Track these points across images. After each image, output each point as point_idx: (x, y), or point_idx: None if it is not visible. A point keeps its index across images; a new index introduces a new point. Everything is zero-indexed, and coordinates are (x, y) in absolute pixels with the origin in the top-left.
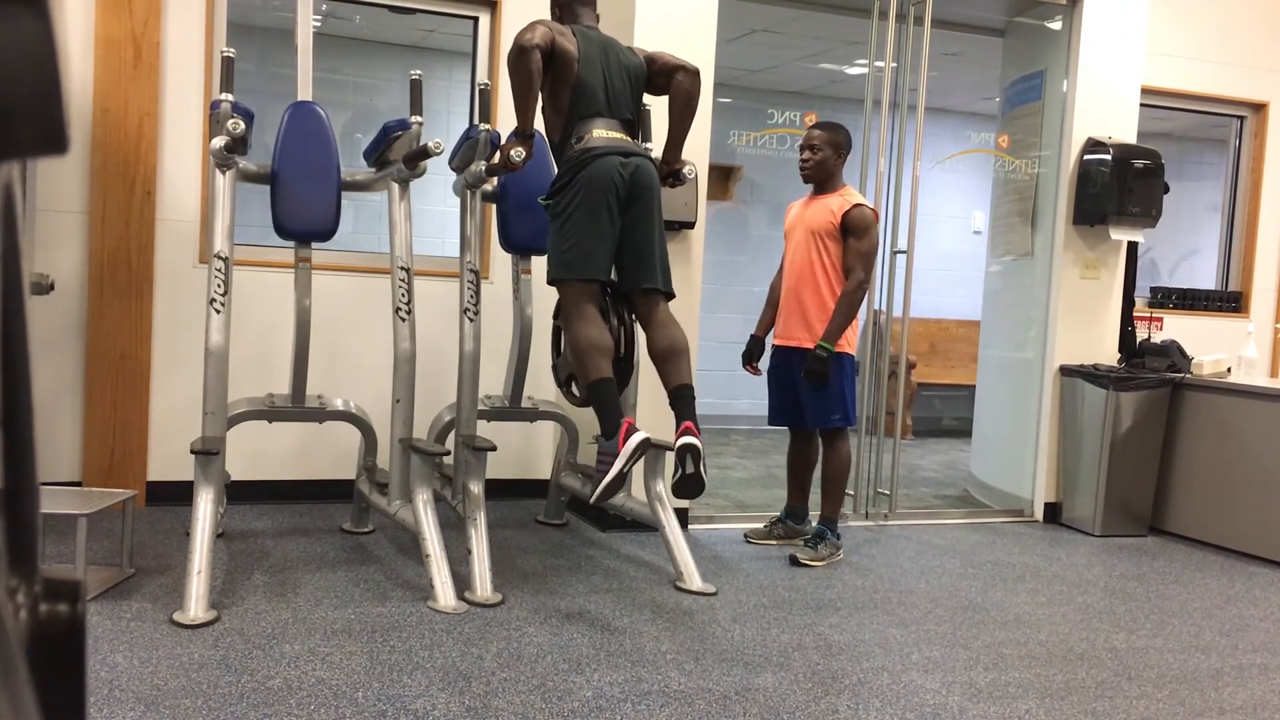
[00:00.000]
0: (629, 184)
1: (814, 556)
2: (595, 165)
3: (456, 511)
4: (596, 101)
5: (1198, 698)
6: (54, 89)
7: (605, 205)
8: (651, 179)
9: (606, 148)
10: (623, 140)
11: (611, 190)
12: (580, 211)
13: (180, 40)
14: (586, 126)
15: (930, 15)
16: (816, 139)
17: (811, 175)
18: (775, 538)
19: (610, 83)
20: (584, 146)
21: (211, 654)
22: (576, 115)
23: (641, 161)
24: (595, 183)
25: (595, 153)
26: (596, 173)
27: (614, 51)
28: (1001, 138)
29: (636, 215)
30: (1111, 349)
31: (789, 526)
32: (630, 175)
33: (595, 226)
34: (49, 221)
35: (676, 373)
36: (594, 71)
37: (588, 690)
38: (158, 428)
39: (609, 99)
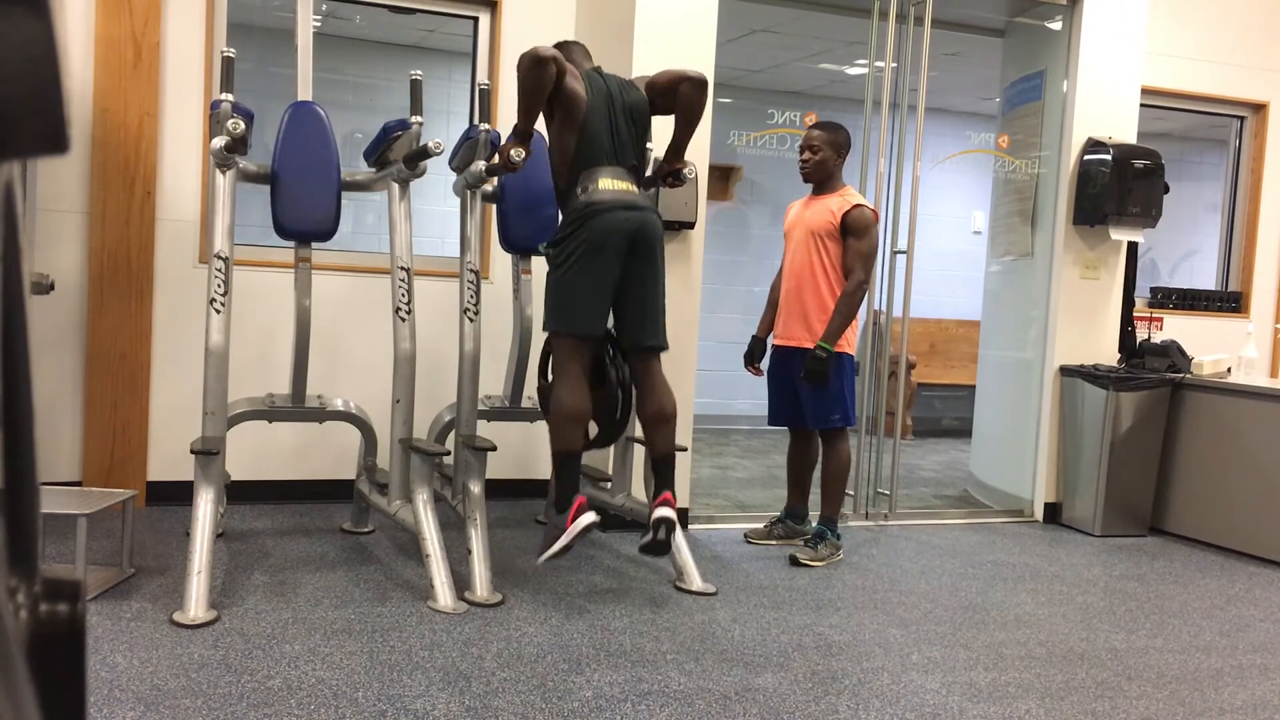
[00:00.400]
0: (631, 239)
1: (814, 556)
2: (599, 221)
3: (456, 511)
4: (602, 149)
5: (1198, 698)
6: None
7: (606, 262)
8: (655, 234)
9: (612, 202)
10: (628, 192)
11: (613, 246)
12: (580, 266)
13: (180, 40)
14: (592, 177)
15: (930, 15)
16: (816, 139)
17: (811, 175)
18: (775, 538)
19: (616, 128)
20: (589, 200)
21: (211, 654)
22: (582, 164)
23: (646, 216)
24: (598, 239)
25: (599, 207)
26: (600, 228)
27: (619, 94)
28: (1001, 138)
29: (638, 271)
30: (1111, 349)
31: (789, 526)
32: (634, 230)
33: (594, 282)
34: (49, 221)
35: (663, 440)
36: (600, 119)
37: (588, 690)
38: (158, 428)
39: (615, 146)
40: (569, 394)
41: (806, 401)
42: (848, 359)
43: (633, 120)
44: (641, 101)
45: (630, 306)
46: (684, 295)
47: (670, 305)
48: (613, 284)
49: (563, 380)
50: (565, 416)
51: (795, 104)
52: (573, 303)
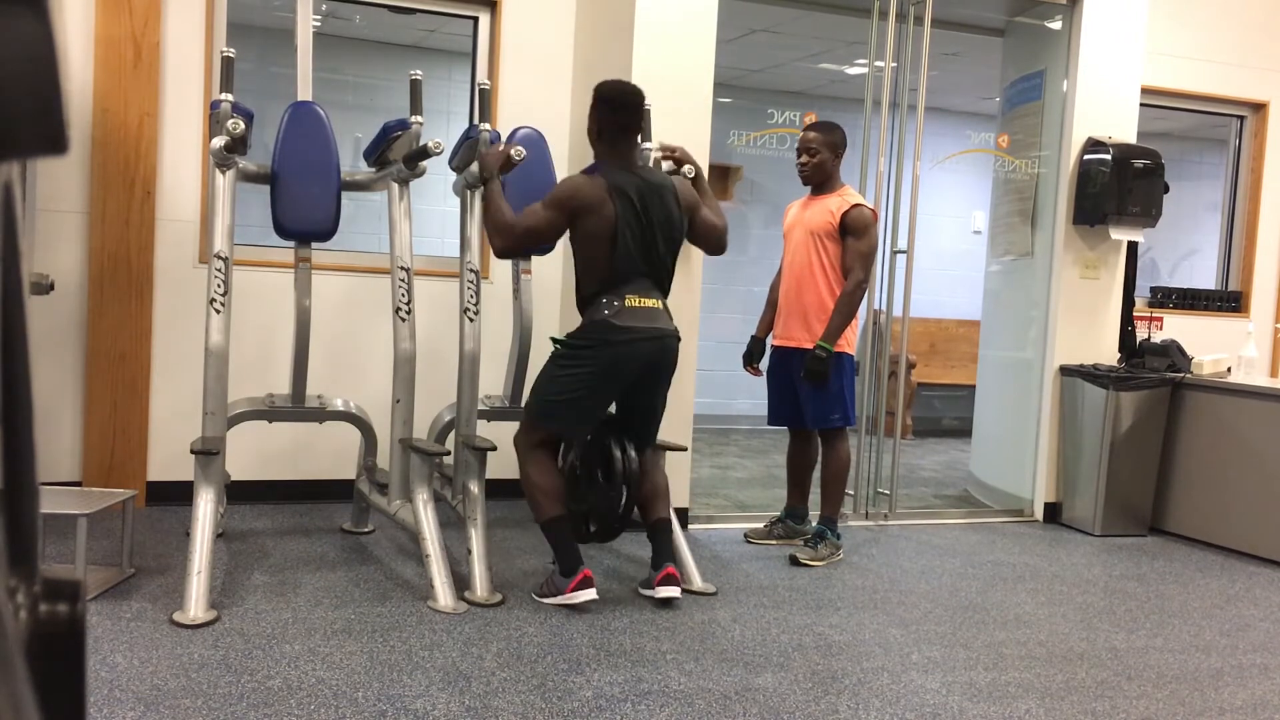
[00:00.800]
0: (651, 365)
1: (814, 556)
2: (618, 351)
3: (456, 511)
4: (635, 267)
5: (1198, 698)
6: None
7: (612, 387)
8: (671, 361)
9: (635, 330)
10: (654, 308)
11: (630, 374)
12: (585, 385)
13: (180, 40)
14: (620, 291)
15: (930, 15)
16: (813, 141)
17: (810, 178)
18: (775, 538)
19: (649, 244)
20: (613, 322)
21: (211, 654)
22: (614, 277)
23: (666, 345)
24: (612, 369)
25: (622, 336)
26: (618, 359)
27: (655, 204)
28: (1001, 138)
29: (649, 387)
30: (1111, 349)
31: (789, 526)
32: (655, 357)
33: (592, 402)
34: (49, 221)
35: (656, 509)
36: (633, 235)
37: (588, 690)
38: (158, 428)
39: (647, 262)
40: (540, 474)
41: (806, 401)
42: (847, 359)
43: (669, 235)
44: (678, 219)
45: (636, 413)
46: (684, 295)
47: (670, 305)
48: (609, 403)
49: (532, 463)
50: (539, 492)
51: (795, 104)
52: (564, 410)
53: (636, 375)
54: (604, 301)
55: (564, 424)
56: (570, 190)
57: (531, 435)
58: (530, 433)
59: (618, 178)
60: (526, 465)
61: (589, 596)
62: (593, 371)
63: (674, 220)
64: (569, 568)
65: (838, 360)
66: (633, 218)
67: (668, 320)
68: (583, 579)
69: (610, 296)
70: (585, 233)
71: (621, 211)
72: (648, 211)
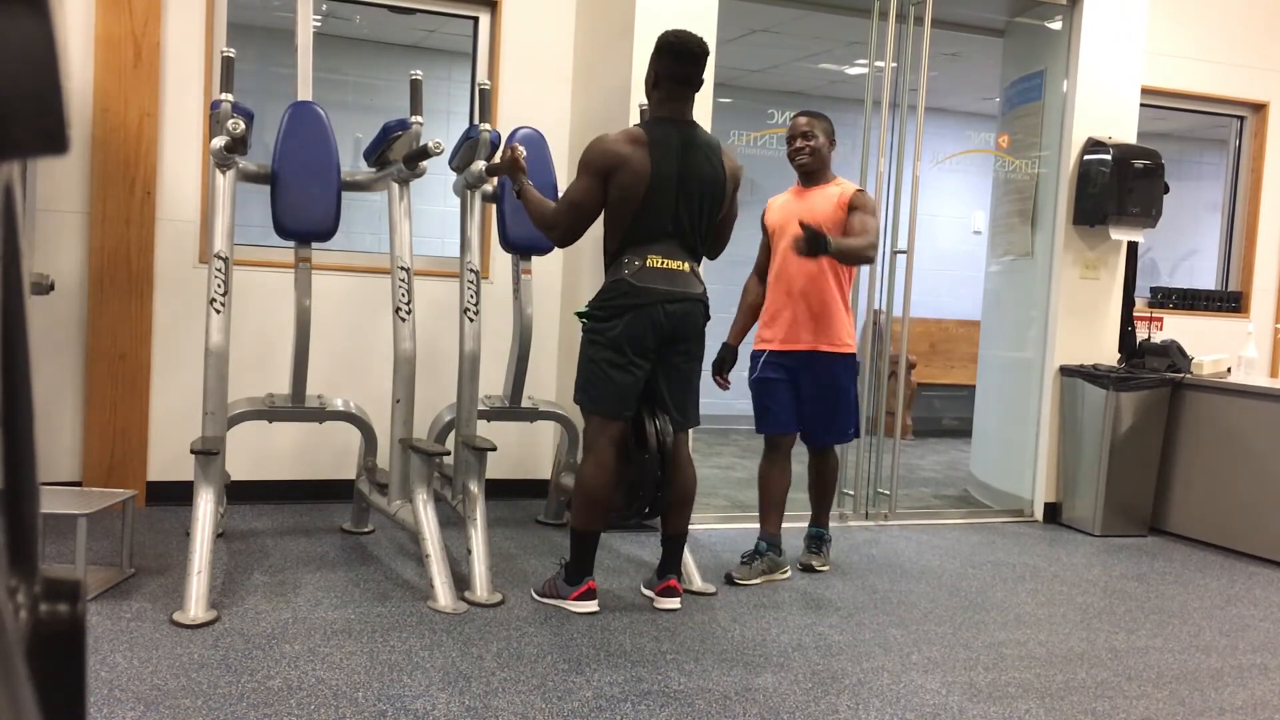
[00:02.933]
0: (673, 332)
1: (824, 561)
2: (641, 315)
3: (456, 511)
4: (662, 226)
5: (1198, 698)
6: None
7: (643, 352)
8: (696, 323)
9: (656, 292)
10: (679, 271)
11: (651, 339)
12: (615, 353)
13: (180, 40)
14: (644, 251)
15: (930, 15)
16: (813, 126)
17: (809, 164)
18: (760, 574)
19: (680, 203)
20: (635, 283)
21: (211, 654)
22: (637, 235)
23: (690, 308)
24: (637, 333)
25: (644, 298)
26: (641, 322)
27: (699, 161)
28: (1001, 138)
29: (677, 359)
30: (1111, 349)
31: (772, 560)
32: (676, 325)
33: (626, 372)
34: (49, 221)
35: (677, 520)
36: (666, 194)
37: (588, 690)
38: (158, 428)
39: (675, 223)
40: (593, 474)
41: (821, 416)
42: (856, 361)
43: (705, 202)
44: (720, 180)
45: (664, 390)
46: None
47: None
48: (646, 371)
49: (589, 459)
50: (589, 496)
51: (795, 104)
52: (604, 387)
53: (658, 342)
54: (625, 261)
55: (606, 407)
56: (598, 152)
57: (588, 428)
58: (587, 425)
59: (661, 131)
60: (585, 462)
61: (590, 609)
62: (618, 342)
63: (717, 181)
64: (578, 577)
65: (853, 364)
66: (670, 172)
67: (694, 284)
68: (587, 590)
69: (632, 255)
70: (618, 187)
71: (657, 165)
72: (688, 168)
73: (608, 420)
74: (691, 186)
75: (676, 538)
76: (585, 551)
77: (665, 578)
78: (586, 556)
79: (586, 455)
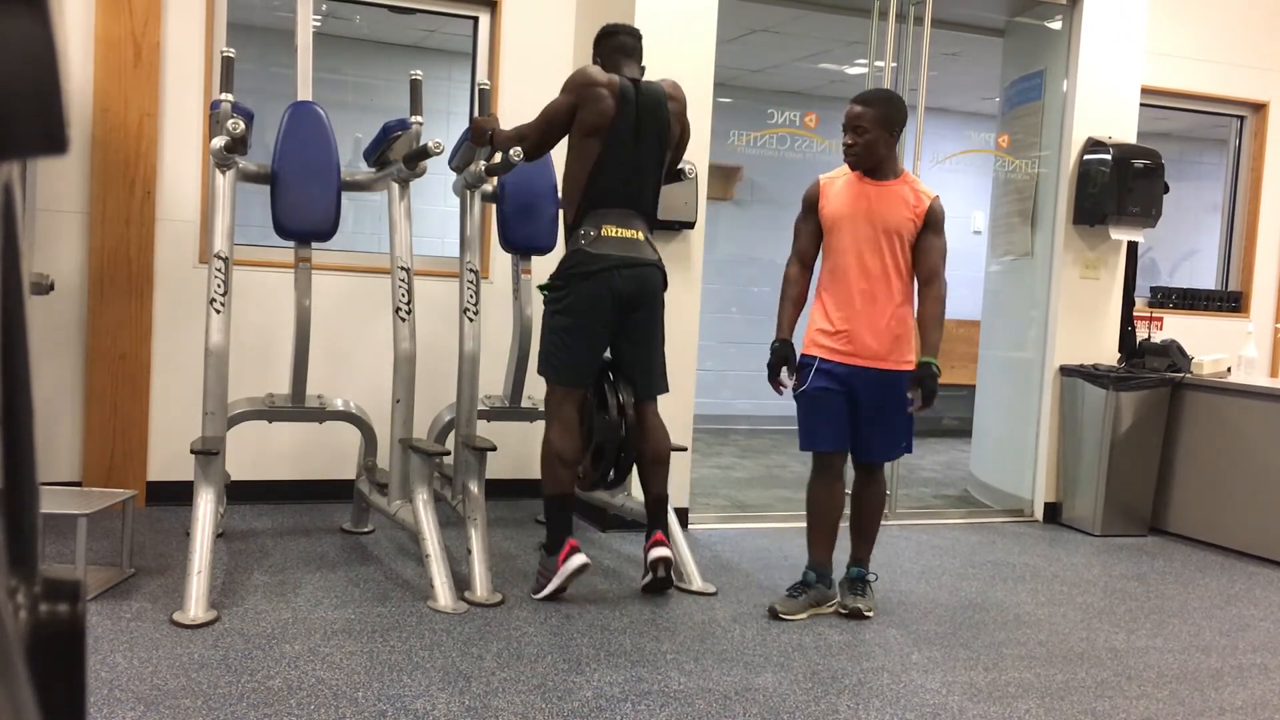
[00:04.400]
0: (630, 298)
1: (871, 605)
2: (597, 281)
3: (456, 511)
4: (615, 192)
5: (1198, 698)
6: (54, 89)
7: (598, 321)
8: (654, 289)
9: (612, 258)
10: (634, 239)
11: (608, 307)
12: (573, 322)
13: (180, 40)
14: (600, 220)
15: (930, 15)
16: (861, 118)
17: (859, 162)
18: (806, 609)
19: (638, 163)
20: (591, 251)
21: (211, 654)
22: (592, 202)
23: (646, 274)
24: (593, 299)
25: (599, 264)
26: (597, 289)
27: (654, 117)
28: (1001, 138)
29: (636, 327)
30: (1111, 349)
31: (821, 593)
32: (632, 291)
33: (584, 340)
34: (49, 221)
35: (656, 482)
36: (623, 150)
37: (588, 690)
38: (158, 428)
39: (629, 185)
40: (559, 437)
41: (879, 431)
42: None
43: (658, 148)
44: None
45: (629, 357)
46: (684, 295)
47: (670, 305)
48: (605, 339)
49: (554, 424)
50: (555, 459)
51: (795, 104)
52: (563, 356)
53: (617, 308)
54: (581, 232)
55: (567, 375)
56: (580, 77)
57: (550, 398)
58: (550, 395)
59: (625, 83)
60: (549, 428)
61: (580, 562)
62: (575, 310)
63: (665, 130)
64: (557, 544)
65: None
66: (625, 125)
67: (649, 251)
68: (570, 549)
69: (588, 226)
70: (582, 124)
71: (620, 117)
72: (641, 124)
73: (569, 388)
74: (649, 140)
75: (657, 499)
76: (562, 516)
77: (652, 533)
78: (564, 520)
79: (550, 421)
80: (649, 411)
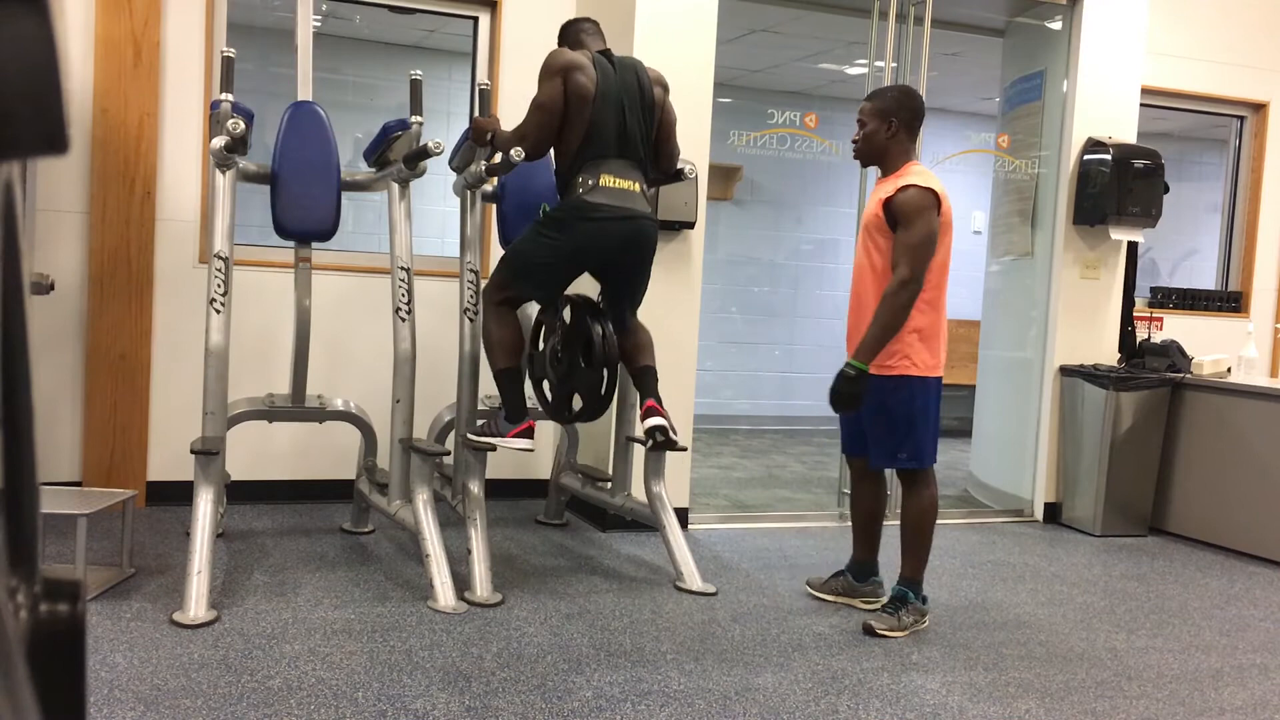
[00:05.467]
0: (622, 248)
1: (893, 626)
2: (591, 229)
3: (456, 511)
4: (608, 144)
5: (1198, 698)
6: (54, 89)
7: (583, 265)
8: (648, 239)
9: (609, 208)
10: (629, 190)
11: (597, 255)
12: (556, 255)
13: (180, 40)
14: (595, 170)
15: (930, 15)
16: (863, 111)
17: (858, 154)
18: (832, 592)
19: (626, 121)
20: (588, 200)
21: (211, 654)
22: (587, 155)
23: (640, 226)
24: (585, 245)
25: (595, 214)
26: (590, 237)
27: (633, 82)
28: (1001, 138)
29: (627, 270)
30: (1111, 349)
31: (848, 583)
32: (626, 241)
33: (561, 273)
34: (49, 221)
35: (641, 358)
36: (610, 110)
37: (588, 690)
38: (158, 428)
39: (622, 139)
40: (500, 327)
41: (869, 432)
42: (918, 383)
43: (644, 113)
44: (652, 98)
45: (619, 295)
46: (684, 295)
47: (670, 305)
48: (576, 277)
49: (494, 318)
50: (496, 344)
51: (795, 104)
52: (534, 274)
53: (609, 255)
54: (579, 180)
55: (531, 287)
56: (555, 58)
57: (500, 292)
58: (499, 290)
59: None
60: (489, 318)
61: (525, 445)
62: (565, 244)
63: (648, 91)
64: (515, 415)
65: (905, 386)
66: (611, 87)
67: (643, 203)
68: (526, 429)
69: (586, 176)
70: (573, 90)
71: (600, 80)
72: (623, 84)
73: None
74: (633, 103)
75: (644, 368)
76: (514, 388)
77: (644, 400)
78: (517, 392)
79: (487, 312)
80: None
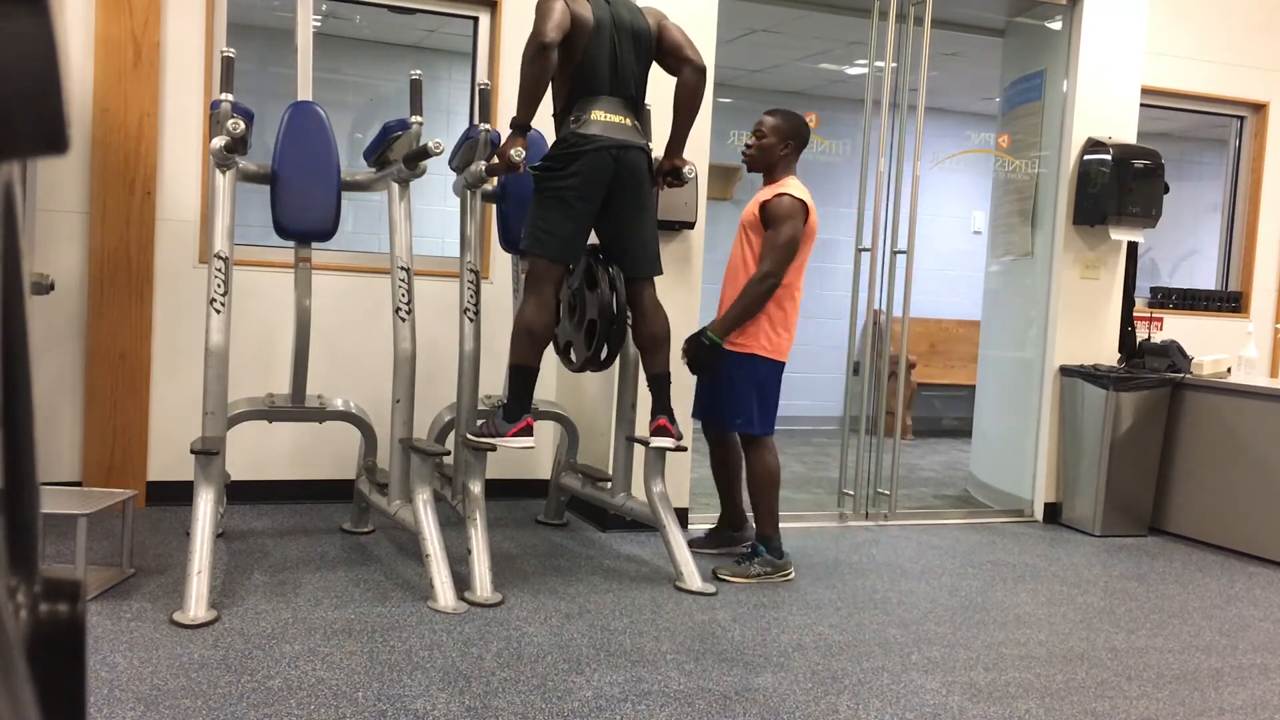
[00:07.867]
0: (615, 177)
1: (737, 572)
2: (584, 160)
3: (456, 511)
4: (601, 79)
5: (1198, 698)
6: (54, 89)
7: (589, 199)
8: (640, 170)
9: (602, 139)
10: (620, 124)
11: (598, 186)
12: (561, 200)
13: (180, 40)
14: (587, 106)
15: (930, 15)
16: (764, 124)
17: (751, 162)
18: (711, 546)
19: (618, 57)
20: (581, 132)
21: (211, 654)
22: (580, 91)
23: (632, 154)
24: (583, 178)
25: (590, 145)
26: (586, 168)
27: (626, 18)
28: (1001, 138)
29: (624, 207)
30: (1111, 349)
31: (722, 535)
32: (621, 167)
33: (572, 217)
34: (49, 221)
35: (656, 362)
36: (603, 44)
37: (588, 690)
38: (158, 428)
39: (614, 75)
40: (534, 312)
41: (718, 397)
42: (763, 363)
43: (636, 49)
44: (646, 30)
45: (620, 238)
46: (684, 295)
47: (669, 305)
48: (592, 217)
49: (531, 298)
50: (526, 332)
51: (795, 104)
52: (550, 232)
53: (606, 189)
54: (572, 117)
55: (552, 249)
56: None
57: (531, 273)
58: (531, 270)
59: None
60: (525, 303)
61: (525, 443)
62: (564, 189)
63: (643, 32)
64: (516, 415)
65: (749, 363)
66: (605, 20)
67: (636, 135)
68: (524, 426)
69: (578, 111)
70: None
71: (597, 17)
72: (618, 24)
73: (551, 264)
74: (626, 39)
75: (658, 376)
76: (524, 387)
77: (656, 418)
78: (525, 392)
79: (528, 295)
80: (645, 294)
